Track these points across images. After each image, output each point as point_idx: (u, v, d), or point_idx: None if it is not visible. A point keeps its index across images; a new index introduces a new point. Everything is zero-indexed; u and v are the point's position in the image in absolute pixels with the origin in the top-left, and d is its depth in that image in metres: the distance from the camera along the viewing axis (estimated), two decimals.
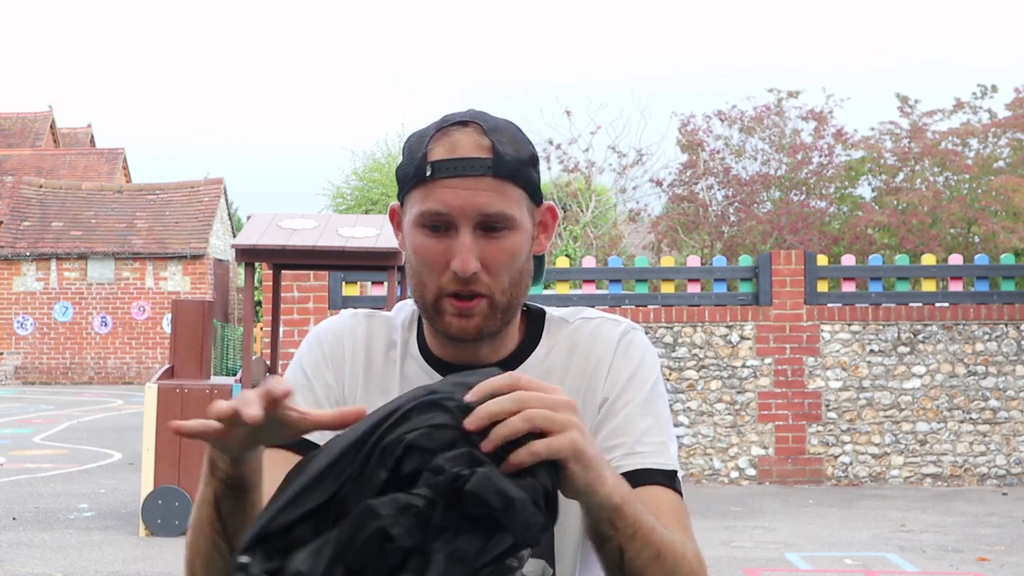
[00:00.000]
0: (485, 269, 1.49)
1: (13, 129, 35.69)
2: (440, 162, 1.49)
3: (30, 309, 28.20)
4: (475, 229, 1.49)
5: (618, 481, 1.31)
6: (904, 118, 22.99)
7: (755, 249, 21.07)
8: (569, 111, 25.78)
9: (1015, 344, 11.65)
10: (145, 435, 8.65)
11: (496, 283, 1.51)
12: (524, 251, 1.53)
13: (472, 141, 1.50)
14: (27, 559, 7.87)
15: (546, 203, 1.58)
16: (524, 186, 1.52)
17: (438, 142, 1.51)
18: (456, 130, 1.51)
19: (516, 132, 1.54)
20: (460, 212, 1.48)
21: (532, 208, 1.55)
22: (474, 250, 1.49)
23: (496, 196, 1.49)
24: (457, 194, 1.48)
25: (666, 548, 1.36)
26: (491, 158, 1.49)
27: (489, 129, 1.51)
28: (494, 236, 1.50)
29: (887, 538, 8.78)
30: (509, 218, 1.50)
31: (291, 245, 8.55)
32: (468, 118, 1.52)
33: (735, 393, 11.65)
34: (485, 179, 1.48)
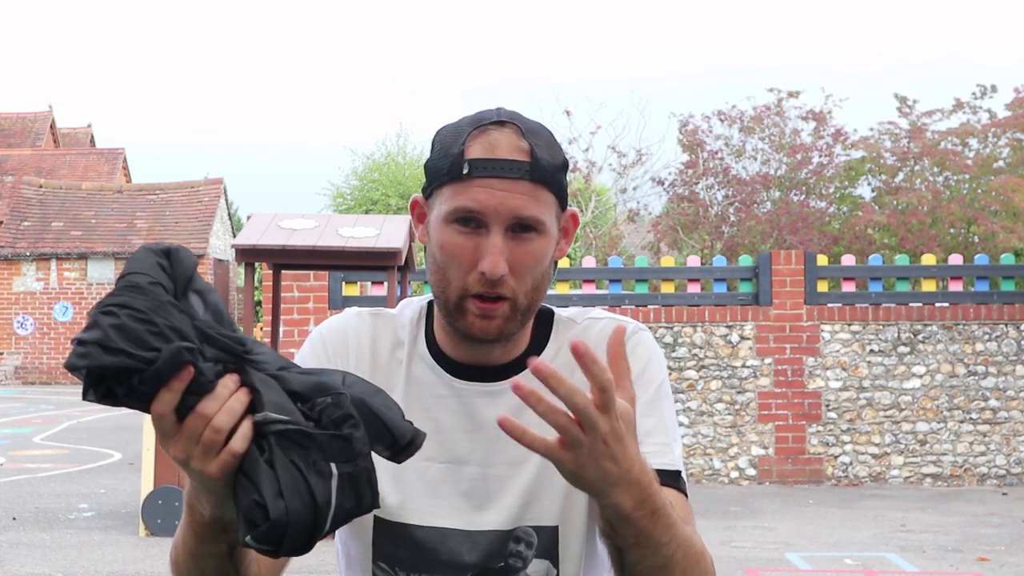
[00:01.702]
0: (511, 272, 1.49)
1: (13, 129, 35.68)
2: (478, 160, 1.49)
3: (30, 309, 28.20)
4: (506, 231, 1.49)
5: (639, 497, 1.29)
6: (903, 118, 22.99)
7: (755, 249, 21.07)
8: (569, 111, 25.80)
9: (1015, 344, 11.65)
10: (145, 435, 8.65)
11: (520, 286, 1.51)
12: (549, 256, 1.53)
13: (511, 143, 1.50)
14: (27, 559, 7.87)
15: (571, 210, 1.58)
16: (556, 192, 1.52)
17: (476, 140, 1.50)
18: (494, 129, 1.51)
19: (550, 137, 1.54)
20: (494, 213, 1.48)
21: (559, 214, 1.55)
22: (504, 252, 1.48)
23: (531, 200, 1.49)
24: (493, 194, 1.48)
25: (678, 559, 1.36)
26: (529, 162, 1.49)
27: (527, 132, 1.51)
28: (524, 239, 1.50)
29: (887, 538, 8.78)
30: (541, 222, 1.50)
31: (291, 245, 8.54)
32: (505, 118, 1.52)
33: (735, 393, 11.65)
34: (522, 182, 1.48)
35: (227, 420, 1.20)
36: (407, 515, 1.57)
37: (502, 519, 1.56)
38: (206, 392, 1.20)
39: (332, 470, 1.20)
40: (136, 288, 1.19)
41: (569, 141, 25.76)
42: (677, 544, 1.36)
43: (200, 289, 1.24)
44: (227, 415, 1.20)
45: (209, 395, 1.20)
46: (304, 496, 1.19)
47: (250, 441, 1.20)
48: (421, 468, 1.57)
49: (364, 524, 1.59)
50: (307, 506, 1.19)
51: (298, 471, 1.19)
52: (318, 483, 1.19)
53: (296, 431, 1.19)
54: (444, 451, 1.58)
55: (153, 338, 1.17)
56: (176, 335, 1.18)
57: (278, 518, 1.18)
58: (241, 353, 1.22)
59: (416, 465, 1.57)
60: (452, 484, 1.58)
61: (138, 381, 1.18)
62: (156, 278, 1.20)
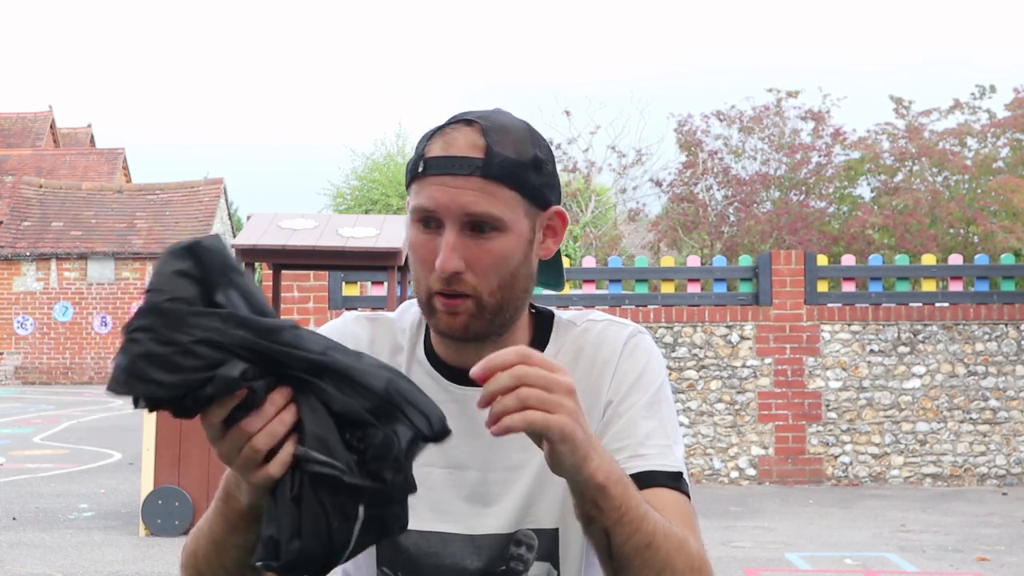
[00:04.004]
0: (471, 269, 1.49)
1: (13, 129, 35.68)
2: (433, 159, 1.50)
3: (30, 309, 28.20)
4: (462, 229, 1.49)
5: (607, 463, 1.31)
6: (900, 119, 23.01)
7: (755, 249, 21.08)
8: (569, 111, 25.81)
9: (1015, 344, 11.65)
10: (145, 435, 8.65)
11: (483, 284, 1.50)
12: (516, 254, 1.51)
13: (467, 140, 1.49)
14: (27, 559, 7.87)
15: (555, 207, 1.56)
16: (518, 188, 1.50)
17: (437, 139, 1.51)
18: (456, 128, 1.51)
19: (524, 134, 1.53)
20: (446, 210, 1.48)
21: (532, 211, 1.53)
22: (458, 249, 1.48)
23: (483, 196, 1.48)
24: (445, 191, 1.48)
25: (660, 538, 1.36)
26: (481, 158, 1.48)
27: (491, 129, 1.50)
28: (482, 237, 1.49)
29: (887, 538, 8.78)
30: (496, 219, 1.49)
31: (291, 245, 8.54)
32: (475, 117, 1.52)
33: (735, 393, 11.65)
34: (473, 179, 1.48)
35: (266, 442, 1.20)
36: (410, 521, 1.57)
37: (503, 523, 1.56)
38: (253, 407, 1.19)
39: (359, 513, 1.20)
40: (154, 310, 1.17)
41: (569, 141, 25.79)
42: (655, 522, 1.36)
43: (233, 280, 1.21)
44: (267, 437, 1.19)
45: (255, 412, 1.19)
46: (322, 537, 1.18)
47: (287, 468, 1.20)
48: (422, 474, 1.57)
49: None
50: (323, 545, 1.18)
51: (323, 512, 1.18)
52: (340, 527, 1.19)
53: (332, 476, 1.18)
54: (444, 456, 1.58)
55: (183, 358, 1.15)
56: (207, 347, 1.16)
57: (288, 560, 1.18)
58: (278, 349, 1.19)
59: (417, 471, 1.57)
60: (453, 489, 1.58)
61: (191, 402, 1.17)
62: (174, 292, 1.18)
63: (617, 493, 1.32)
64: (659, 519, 1.37)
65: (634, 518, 1.34)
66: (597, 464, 1.30)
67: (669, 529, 1.38)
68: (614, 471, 1.32)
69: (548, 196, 1.54)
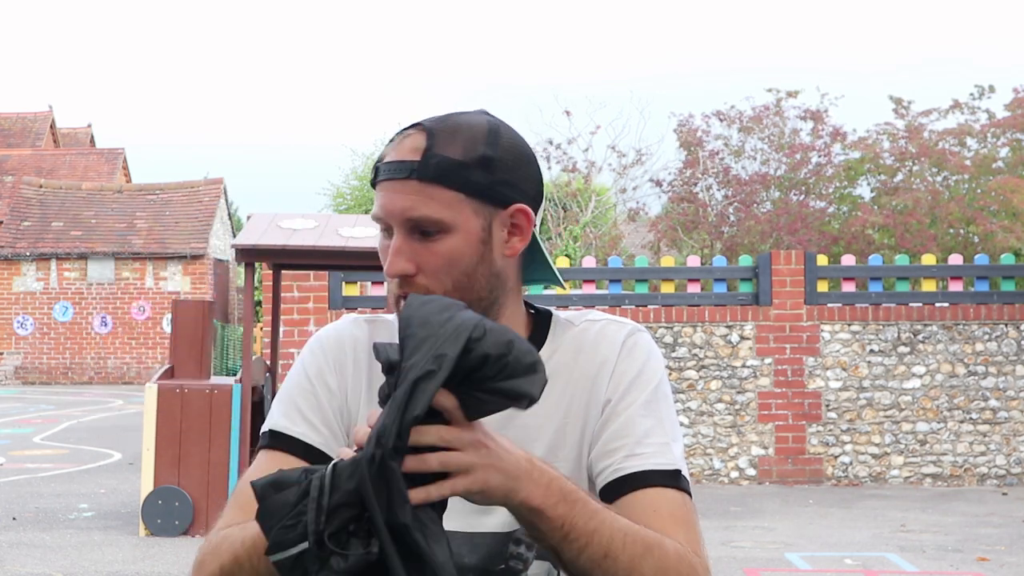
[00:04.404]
0: (422, 272, 1.50)
1: (13, 129, 35.68)
2: (380, 165, 1.52)
3: (30, 309, 28.20)
4: (410, 232, 1.50)
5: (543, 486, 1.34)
6: (899, 119, 23.01)
7: (755, 249, 21.08)
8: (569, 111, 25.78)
9: (1015, 344, 11.65)
10: (145, 435, 8.65)
11: (436, 285, 1.50)
12: (468, 254, 1.50)
13: (409, 145, 1.51)
14: (27, 559, 7.87)
15: (517, 205, 1.53)
16: (461, 188, 1.49)
17: (388, 146, 1.54)
18: (406, 133, 1.53)
19: (479, 134, 1.51)
20: (390, 215, 1.51)
21: (484, 210, 1.51)
22: (404, 253, 1.50)
23: (420, 199, 1.48)
24: (388, 197, 1.50)
25: (617, 548, 1.37)
26: (416, 161, 1.49)
27: (438, 131, 1.50)
28: (429, 240, 1.50)
29: (887, 538, 8.78)
30: (436, 222, 1.49)
31: (291, 245, 8.54)
32: (430, 121, 1.53)
33: (735, 393, 11.65)
34: (410, 182, 1.49)
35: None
36: None
37: (501, 521, 1.56)
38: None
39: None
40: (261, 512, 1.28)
41: (569, 141, 25.77)
42: (612, 531, 1.37)
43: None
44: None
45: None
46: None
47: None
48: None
49: None
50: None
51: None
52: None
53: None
54: None
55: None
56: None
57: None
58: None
59: None
60: None
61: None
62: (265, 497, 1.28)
63: (557, 514, 1.34)
64: (619, 528, 1.38)
65: (582, 534, 1.35)
66: (528, 492, 1.32)
67: (634, 536, 1.38)
68: (552, 492, 1.34)
69: (505, 194, 1.52)
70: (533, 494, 1.32)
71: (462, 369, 1.24)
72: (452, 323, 1.26)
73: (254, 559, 1.41)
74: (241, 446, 8.56)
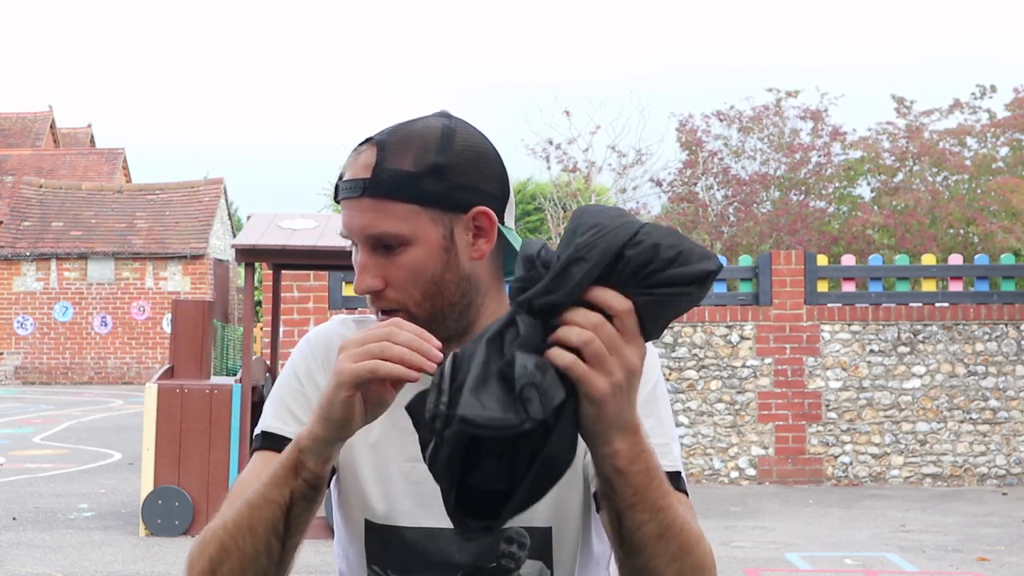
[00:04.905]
0: (391, 286, 1.52)
1: (13, 129, 35.69)
2: (338, 183, 1.54)
3: (30, 309, 28.20)
4: (374, 249, 1.51)
5: (635, 453, 1.30)
6: (901, 119, 23.01)
7: (754, 249, 21.08)
8: (568, 111, 25.76)
9: (1015, 344, 11.65)
10: (145, 435, 8.65)
11: (406, 297, 1.52)
12: (432, 263, 1.51)
13: (361, 162, 1.52)
14: (27, 559, 7.87)
15: (477, 208, 1.53)
16: (415, 199, 1.49)
17: (347, 163, 1.55)
18: (358, 150, 1.54)
19: (431, 142, 1.52)
20: (351, 232, 1.53)
21: (445, 218, 1.51)
22: (370, 268, 1.52)
23: (375, 216, 1.50)
24: (348, 215, 1.52)
25: (675, 531, 1.35)
26: (368, 179, 1.49)
27: (387, 144, 1.51)
28: (392, 254, 1.51)
29: (887, 538, 8.78)
30: (393, 236, 1.50)
31: (291, 245, 8.55)
32: (382, 134, 1.53)
33: (735, 393, 11.65)
34: (364, 200, 1.50)
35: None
36: (396, 517, 1.58)
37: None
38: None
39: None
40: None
41: (569, 141, 25.76)
42: (674, 515, 1.35)
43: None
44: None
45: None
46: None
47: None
48: (407, 469, 1.58)
49: (357, 528, 1.60)
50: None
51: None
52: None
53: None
54: None
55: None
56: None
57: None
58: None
59: (402, 467, 1.58)
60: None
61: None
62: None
63: (635, 481, 1.31)
64: (679, 515, 1.36)
65: (648, 509, 1.33)
66: (623, 447, 1.29)
67: (688, 527, 1.38)
68: (640, 460, 1.30)
69: (463, 199, 1.52)
70: (624, 453, 1.29)
71: (633, 263, 1.20)
72: (620, 219, 1.22)
73: (239, 540, 1.42)
74: (241, 446, 8.56)
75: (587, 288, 1.20)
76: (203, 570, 1.44)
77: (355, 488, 1.60)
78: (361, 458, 1.59)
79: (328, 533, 7.77)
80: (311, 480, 1.39)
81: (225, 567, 1.43)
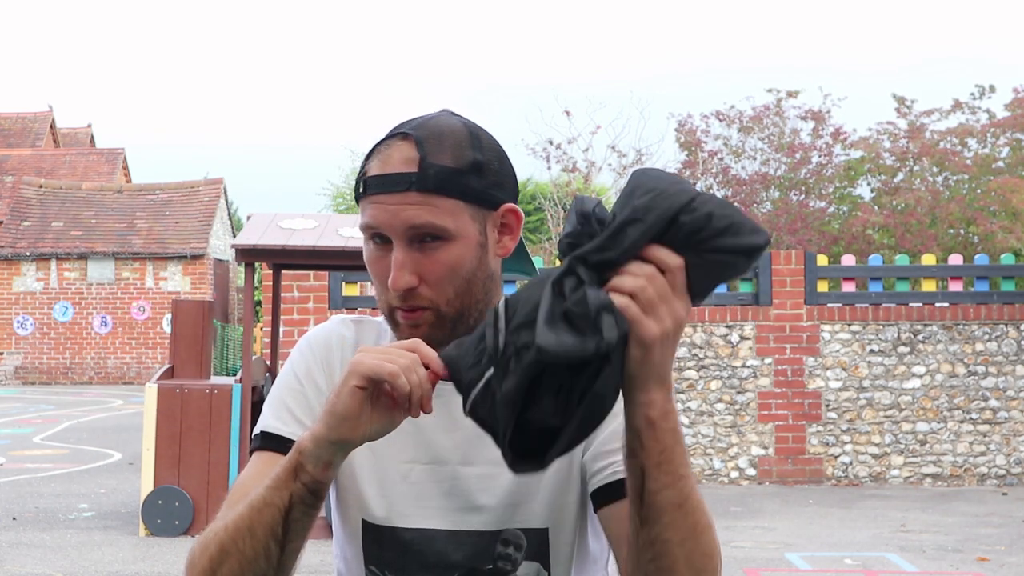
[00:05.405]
0: (425, 282, 1.50)
1: (13, 129, 35.68)
2: (371, 178, 1.51)
3: (30, 309, 28.19)
4: (410, 243, 1.50)
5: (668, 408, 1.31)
6: (901, 119, 23.01)
7: None
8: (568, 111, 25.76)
9: (1015, 344, 11.65)
10: (145, 435, 8.65)
11: (439, 295, 1.51)
12: (468, 260, 1.52)
13: (401, 156, 1.50)
14: (27, 559, 7.87)
15: (507, 205, 1.55)
16: (460, 195, 1.50)
17: (374, 157, 1.53)
18: (390, 144, 1.52)
19: (464, 139, 1.52)
20: (389, 227, 1.50)
21: (480, 214, 1.52)
22: (408, 265, 1.50)
23: (423, 209, 1.49)
24: (385, 209, 1.50)
25: (692, 505, 1.35)
26: (415, 172, 1.49)
27: (425, 140, 1.50)
28: (431, 248, 1.50)
29: (887, 538, 8.78)
30: (440, 229, 1.49)
31: (291, 245, 8.54)
32: (410, 129, 1.52)
33: (735, 393, 11.65)
34: (411, 194, 1.49)
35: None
36: (393, 518, 1.58)
37: (488, 519, 1.56)
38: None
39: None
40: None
41: (569, 141, 25.75)
42: (693, 487, 1.35)
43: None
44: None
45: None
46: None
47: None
48: (404, 470, 1.58)
49: (355, 528, 1.61)
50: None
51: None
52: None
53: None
54: (426, 452, 1.58)
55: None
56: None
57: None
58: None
59: (400, 467, 1.58)
60: (435, 484, 1.58)
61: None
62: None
63: (664, 439, 1.31)
64: (698, 491, 1.37)
65: (673, 471, 1.32)
66: (653, 399, 1.29)
67: (705, 508, 1.38)
68: (671, 420, 1.31)
69: (496, 196, 1.54)
70: (659, 404, 1.29)
71: (686, 229, 1.25)
72: (678, 185, 1.27)
73: (239, 542, 1.41)
74: (241, 446, 8.56)
75: (642, 248, 1.26)
76: (203, 570, 1.44)
77: (352, 488, 1.60)
78: (359, 458, 1.59)
79: (328, 533, 7.77)
80: (310, 484, 1.38)
81: (224, 568, 1.43)
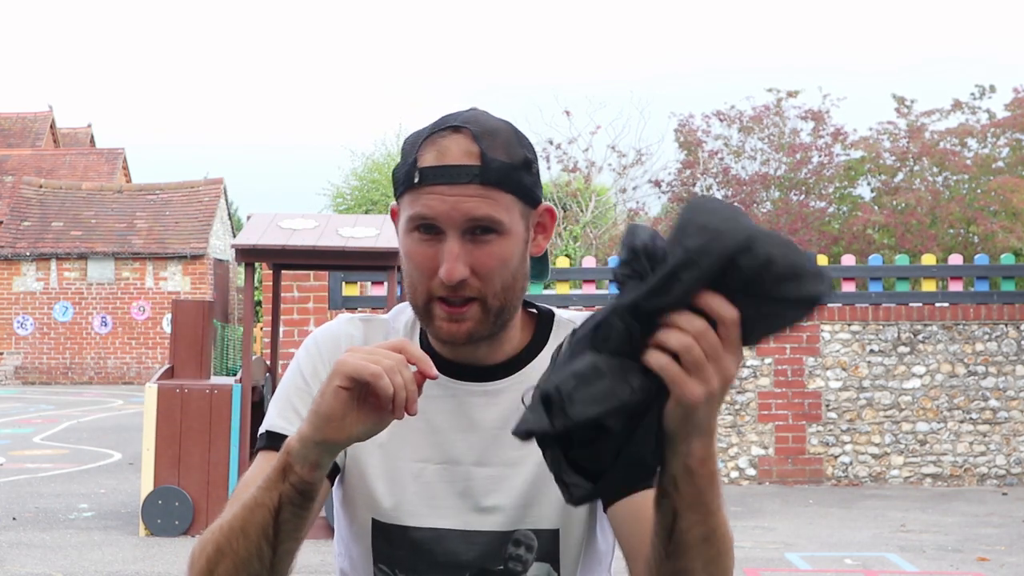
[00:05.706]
0: (475, 274, 1.50)
1: (13, 129, 35.68)
2: (428, 169, 1.50)
3: (30, 309, 28.19)
4: (464, 235, 1.50)
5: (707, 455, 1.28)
6: (901, 119, 23.01)
7: None
8: (569, 111, 25.77)
9: (1015, 344, 11.65)
10: (145, 435, 8.65)
11: (488, 287, 1.51)
12: (516, 256, 1.53)
13: (461, 148, 1.50)
14: (27, 559, 7.87)
15: (544, 204, 1.57)
16: (515, 191, 1.51)
17: (428, 148, 1.52)
18: (446, 136, 1.51)
19: (511, 136, 1.54)
20: (447, 218, 1.49)
21: (526, 211, 1.54)
22: (462, 257, 1.49)
23: (484, 202, 1.49)
24: (444, 200, 1.49)
25: (719, 536, 1.34)
26: (478, 165, 1.49)
27: (480, 134, 1.51)
28: (484, 241, 1.50)
29: (887, 538, 8.78)
30: (498, 223, 1.50)
31: (291, 245, 8.55)
32: (460, 122, 1.52)
33: (735, 393, 11.65)
34: (472, 186, 1.49)
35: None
36: (404, 517, 1.58)
37: (500, 520, 1.56)
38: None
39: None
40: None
41: (569, 141, 25.77)
42: (721, 519, 1.34)
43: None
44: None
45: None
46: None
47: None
48: (417, 469, 1.58)
49: (363, 527, 1.60)
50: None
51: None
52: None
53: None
54: (439, 452, 1.58)
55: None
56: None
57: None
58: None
59: (412, 466, 1.58)
60: (448, 484, 1.58)
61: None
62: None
63: (700, 483, 1.29)
64: (724, 519, 1.36)
65: (703, 511, 1.31)
66: (694, 450, 1.25)
67: (728, 532, 1.37)
68: (710, 463, 1.29)
69: (538, 195, 1.56)
70: (698, 453, 1.26)
71: (744, 274, 1.16)
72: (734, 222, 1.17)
73: (233, 542, 1.41)
74: (241, 446, 8.56)
75: (695, 295, 1.17)
76: (201, 569, 1.44)
77: (362, 487, 1.60)
78: (369, 457, 1.59)
79: (328, 533, 7.77)
80: (298, 485, 1.37)
81: (220, 568, 1.43)
